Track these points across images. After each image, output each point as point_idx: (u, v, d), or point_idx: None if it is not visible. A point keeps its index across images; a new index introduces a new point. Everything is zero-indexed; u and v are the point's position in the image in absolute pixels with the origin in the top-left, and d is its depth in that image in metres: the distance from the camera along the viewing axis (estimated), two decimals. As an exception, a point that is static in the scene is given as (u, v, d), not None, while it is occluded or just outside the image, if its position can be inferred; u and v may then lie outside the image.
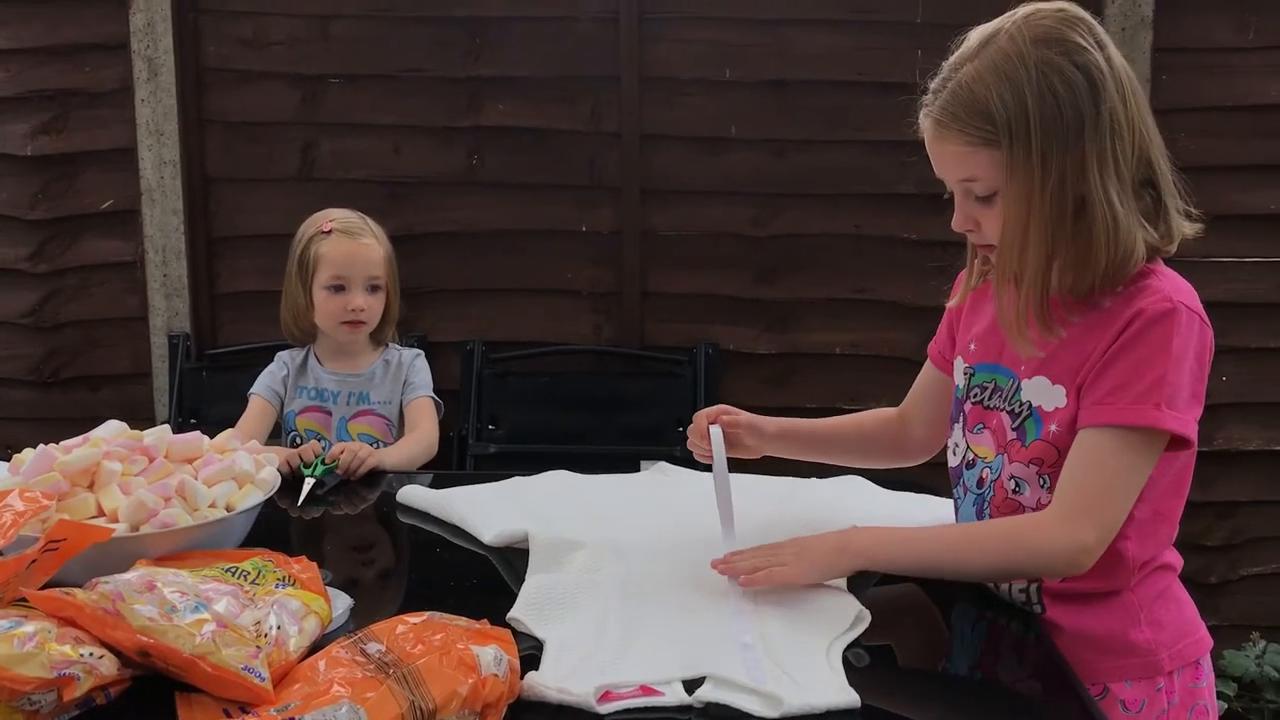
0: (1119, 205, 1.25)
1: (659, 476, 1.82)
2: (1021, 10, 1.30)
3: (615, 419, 3.06)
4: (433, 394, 2.33)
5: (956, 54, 1.32)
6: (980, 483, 1.42)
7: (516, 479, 1.79)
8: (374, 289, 2.26)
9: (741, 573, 1.30)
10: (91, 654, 1.03)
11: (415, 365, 2.35)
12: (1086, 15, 1.30)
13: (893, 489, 1.74)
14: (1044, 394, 1.34)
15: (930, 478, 1.92)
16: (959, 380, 1.48)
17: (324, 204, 3.03)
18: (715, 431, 1.51)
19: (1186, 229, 1.33)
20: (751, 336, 3.08)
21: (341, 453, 1.92)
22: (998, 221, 1.30)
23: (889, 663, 1.22)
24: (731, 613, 1.25)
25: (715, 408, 1.58)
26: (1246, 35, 2.93)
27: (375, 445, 2.17)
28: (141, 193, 3.03)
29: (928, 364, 1.60)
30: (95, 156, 3.05)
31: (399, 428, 2.32)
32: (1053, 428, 1.33)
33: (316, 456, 1.90)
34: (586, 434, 3.03)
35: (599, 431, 3.04)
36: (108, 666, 1.03)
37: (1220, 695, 2.94)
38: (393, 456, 2.09)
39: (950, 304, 1.53)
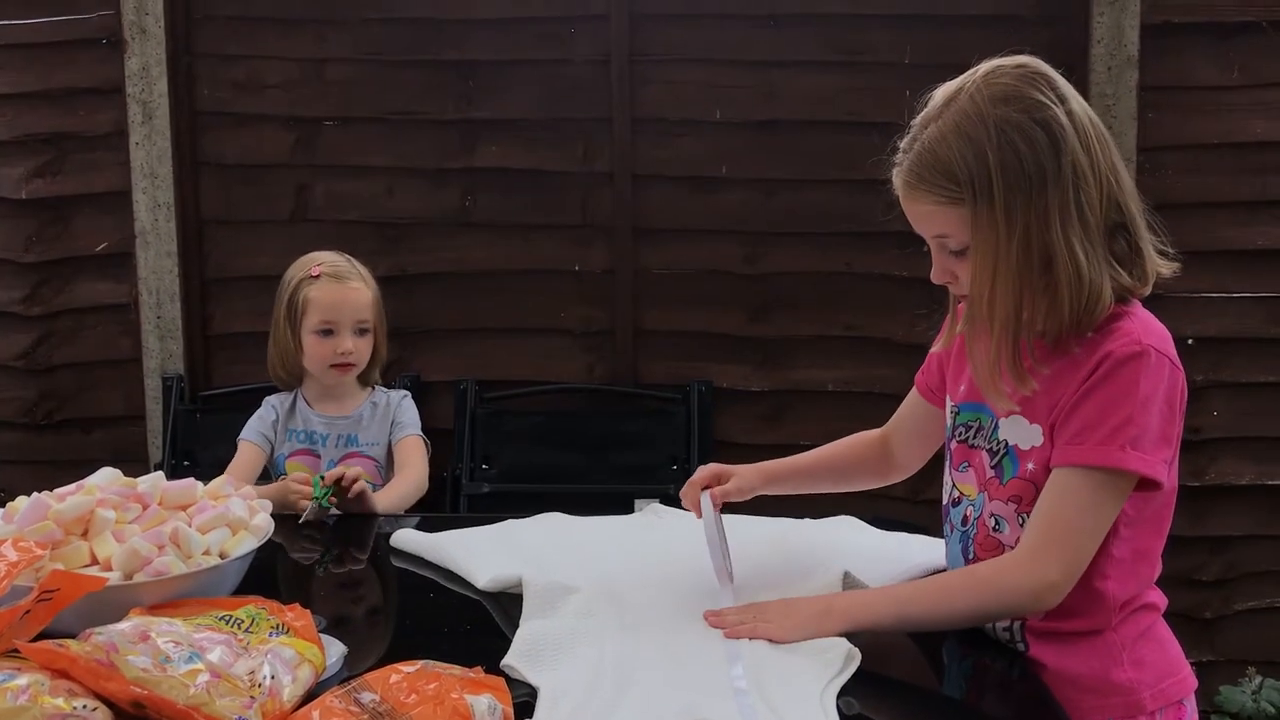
0: (1081, 255, 1.27)
1: (652, 518, 1.82)
2: (984, 67, 1.33)
3: (609, 458, 3.06)
4: (420, 433, 2.34)
5: (923, 113, 1.34)
6: (965, 520, 1.45)
7: (509, 522, 1.79)
8: (362, 332, 2.28)
9: (728, 625, 1.33)
10: (85, 706, 1.02)
11: (402, 405, 2.36)
12: (1046, 69, 1.32)
13: (884, 529, 1.74)
14: (1020, 433, 1.37)
15: (921, 517, 1.93)
16: (948, 419, 1.51)
17: (318, 245, 3.05)
18: (706, 504, 1.52)
19: (1163, 268, 1.35)
20: (744, 374, 3.09)
21: (341, 477, 1.95)
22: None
23: (879, 703, 1.22)
24: (725, 657, 1.26)
25: (706, 473, 1.58)
26: (1231, 74, 2.97)
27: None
28: (136, 235, 3.05)
29: (914, 392, 1.63)
30: (90, 199, 3.07)
31: (387, 468, 2.32)
32: (1029, 466, 1.35)
33: (314, 483, 1.94)
34: (580, 473, 3.03)
35: (593, 470, 3.04)
36: (101, 718, 1.03)
37: (1217, 731, 2.94)
38: (386, 499, 2.10)
39: (935, 349, 1.56)
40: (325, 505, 1.95)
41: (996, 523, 1.39)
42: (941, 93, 1.34)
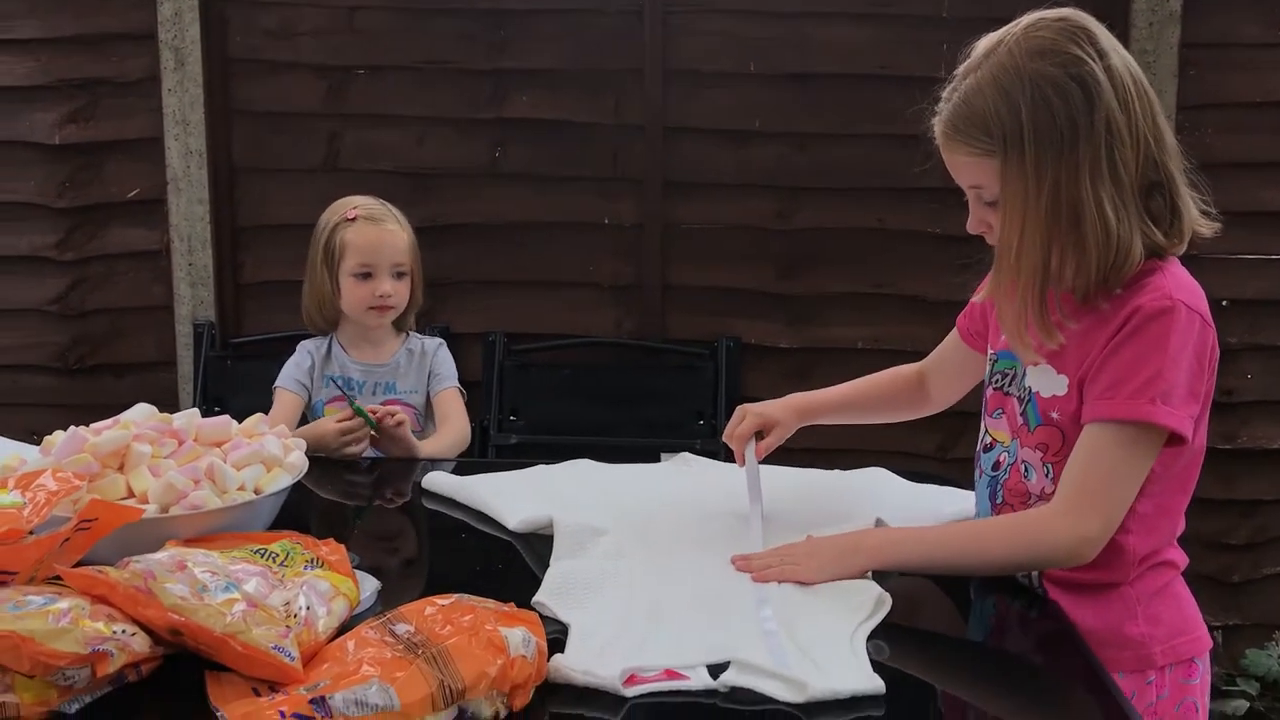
0: (1110, 211, 1.27)
1: (682, 467, 1.83)
2: (1025, 20, 1.33)
3: (636, 412, 3.06)
4: (458, 384, 2.34)
5: (965, 63, 1.35)
6: (996, 465, 1.46)
7: (540, 467, 1.79)
8: (399, 275, 2.27)
9: (755, 569, 1.34)
10: (124, 631, 1.04)
11: (440, 356, 2.35)
12: (1089, 23, 1.31)
13: (916, 481, 1.74)
14: (1044, 381, 1.38)
15: (952, 472, 1.93)
16: (987, 365, 1.52)
17: (349, 194, 3.05)
18: (750, 456, 1.56)
19: (1204, 228, 1.35)
20: (773, 330, 3.08)
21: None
22: None
23: (907, 647, 1.22)
24: (756, 599, 1.26)
25: (751, 424, 1.61)
26: (1276, 32, 2.91)
27: None
28: (167, 182, 3.05)
29: (954, 333, 1.65)
30: (122, 146, 3.07)
31: (426, 418, 2.33)
32: (1054, 415, 1.36)
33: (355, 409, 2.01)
34: (607, 426, 3.03)
35: (619, 424, 3.04)
36: (140, 644, 1.04)
37: (1243, 695, 2.93)
38: (430, 449, 2.13)
39: (976, 299, 1.56)
40: (371, 423, 2.02)
41: (1026, 469, 1.41)
42: (983, 44, 1.35)
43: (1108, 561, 1.34)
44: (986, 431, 1.49)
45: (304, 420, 2.31)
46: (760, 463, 1.59)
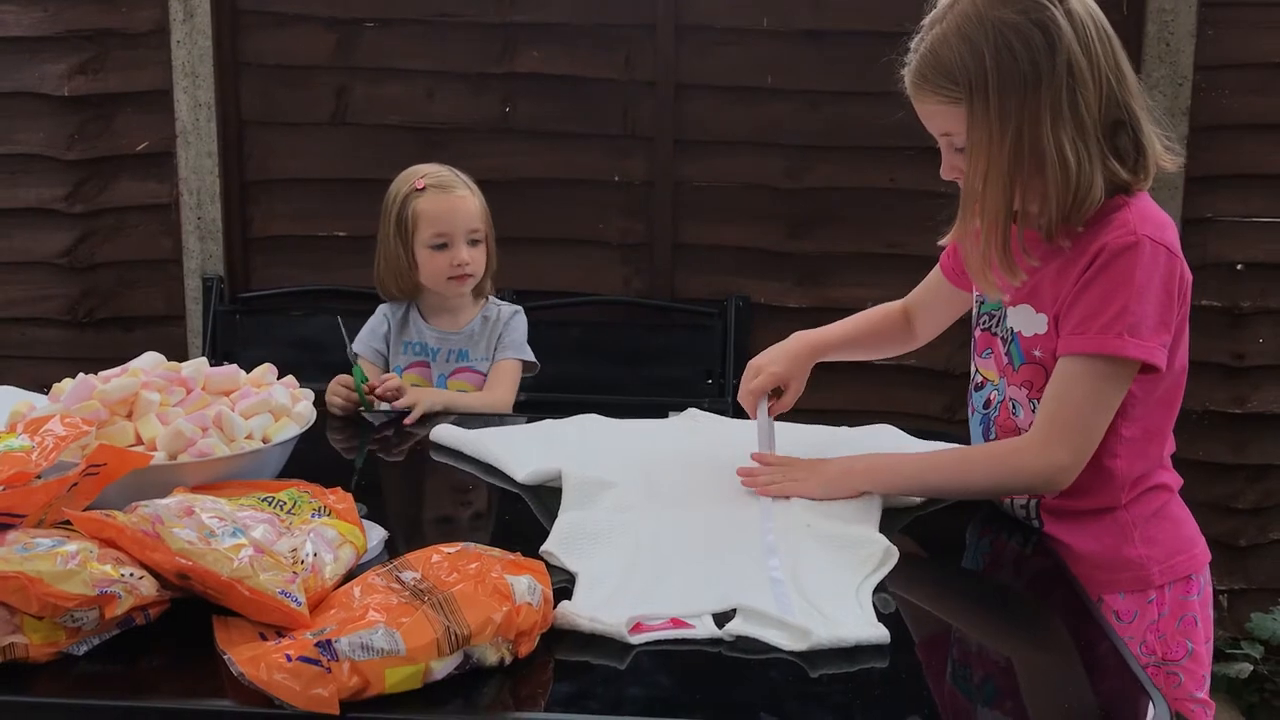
0: (1069, 152, 1.32)
1: (690, 422, 1.83)
2: None
3: (644, 370, 3.05)
4: (523, 356, 2.29)
5: (930, 14, 1.40)
6: (987, 404, 1.53)
7: (548, 421, 1.80)
8: (474, 242, 2.23)
9: (759, 485, 1.43)
10: (132, 574, 1.04)
11: (511, 324, 2.31)
12: None
13: (923, 439, 1.74)
14: (1025, 320, 1.44)
15: (961, 431, 1.92)
16: (974, 306, 1.58)
17: (357, 149, 3.05)
18: (763, 412, 1.59)
19: (1167, 163, 1.39)
20: (783, 290, 3.07)
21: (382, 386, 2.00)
22: None
23: (910, 591, 1.23)
24: (762, 550, 1.26)
25: (764, 382, 1.62)
26: (1296, -9, 2.88)
27: None
28: (176, 135, 3.04)
29: (937, 270, 1.71)
30: (131, 98, 3.06)
31: None
32: (1036, 353, 1.42)
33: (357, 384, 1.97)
34: (615, 384, 3.03)
35: (628, 382, 3.04)
36: (147, 587, 1.05)
37: (1247, 658, 2.94)
38: (457, 401, 2.13)
39: (942, 242, 1.59)
40: (366, 405, 1.97)
41: (1014, 406, 1.47)
42: None
43: (1100, 487, 1.40)
44: (977, 371, 1.55)
45: None
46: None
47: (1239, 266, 2.89)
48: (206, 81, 3.00)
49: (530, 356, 2.30)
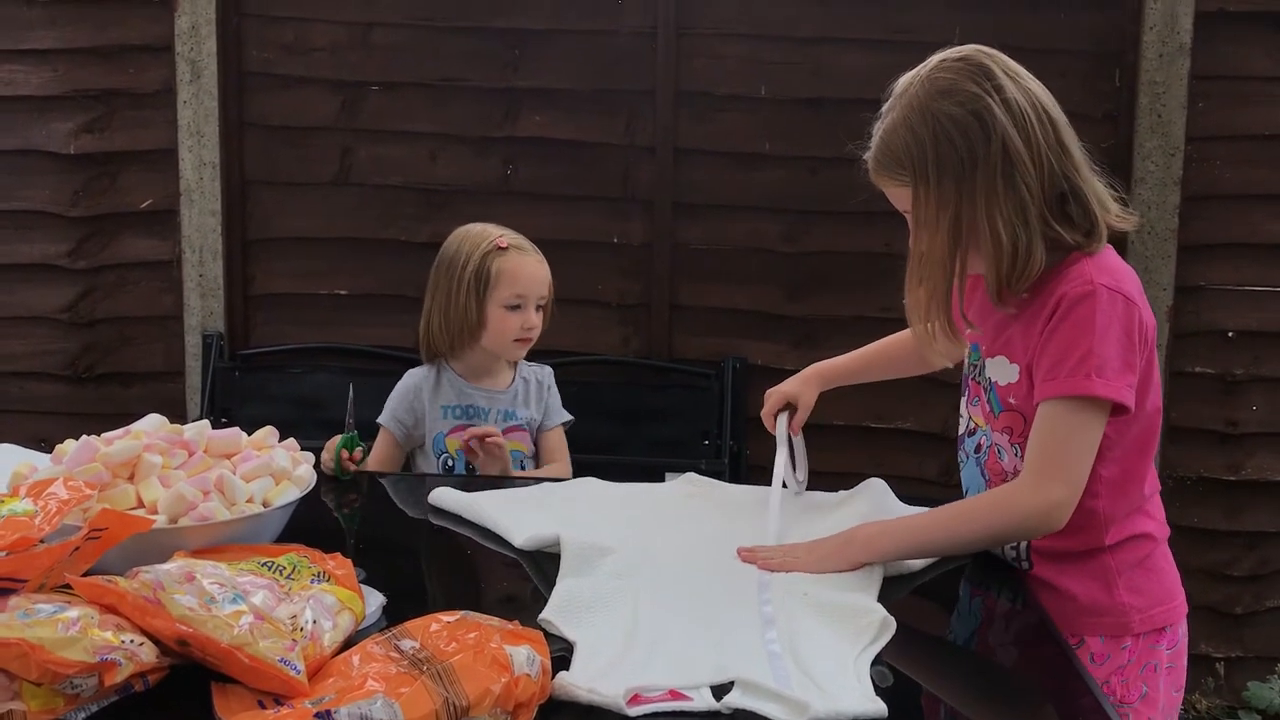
0: (1003, 229, 1.42)
1: (687, 487, 1.83)
2: (933, 60, 1.49)
3: (642, 430, 3.06)
4: (565, 419, 2.34)
5: (886, 103, 1.51)
6: (978, 449, 1.61)
7: (546, 484, 1.80)
8: (539, 308, 2.25)
9: (759, 560, 1.46)
10: (132, 641, 1.04)
11: (554, 389, 2.35)
12: (987, 61, 1.46)
13: (910, 504, 1.74)
14: (1000, 371, 1.53)
15: (953, 495, 1.93)
16: (966, 355, 1.64)
17: (360, 208, 3.09)
18: (781, 427, 1.74)
19: (1122, 223, 1.50)
20: (779, 352, 3.09)
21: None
22: None
23: (903, 660, 1.24)
24: (760, 621, 1.26)
25: (777, 400, 1.82)
26: (1285, 65, 2.93)
27: (520, 462, 2.23)
28: (180, 193, 3.08)
29: None
30: (136, 156, 3.10)
31: (535, 445, 2.32)
32: (1011, 400, 1.51)
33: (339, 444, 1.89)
34: (613, 445, 3.04)
35: (625, 442, 3.05)
36: (147, 654, 1.05)
37: (1243, 727, 2.92)
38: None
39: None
40: (339, 472, 1.89)
41: (999, 451, 1.56)
42: (899, 84, 1.50)
43: (1081, 526, 1.46)
44: (970, 418, 1.62)
45: (411, 455, 2.28)
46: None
47: (1230, 335, 2.91)
48: (211, 141, 3.04)
49: (569, 416, 2.37)
